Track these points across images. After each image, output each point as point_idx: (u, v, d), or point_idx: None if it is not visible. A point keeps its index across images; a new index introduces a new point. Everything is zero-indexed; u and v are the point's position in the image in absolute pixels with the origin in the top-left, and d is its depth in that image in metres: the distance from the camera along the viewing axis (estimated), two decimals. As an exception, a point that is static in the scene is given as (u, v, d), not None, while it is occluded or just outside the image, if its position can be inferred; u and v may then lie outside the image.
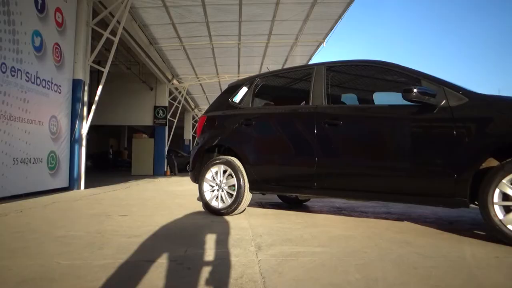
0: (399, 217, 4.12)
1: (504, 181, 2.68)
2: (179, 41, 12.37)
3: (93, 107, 8.24)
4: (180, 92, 18.00)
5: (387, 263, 2.25)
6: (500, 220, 2.67)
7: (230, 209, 4.03)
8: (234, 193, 4.02)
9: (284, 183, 3.92)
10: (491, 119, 2.87)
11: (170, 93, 17.32)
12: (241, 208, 4.08)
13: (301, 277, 1.98)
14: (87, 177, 8.37)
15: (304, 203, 5.30)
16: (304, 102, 4.06)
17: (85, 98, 7.98)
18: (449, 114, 2.99)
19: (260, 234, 3.11)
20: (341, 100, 4.49)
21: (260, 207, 4.95)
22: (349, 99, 4.62)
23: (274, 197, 5.80)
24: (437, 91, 3.06)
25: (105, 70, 8.59)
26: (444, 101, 3.04)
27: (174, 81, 17.14)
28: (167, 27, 11.25)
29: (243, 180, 4.01)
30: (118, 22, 8.66)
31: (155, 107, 16.55)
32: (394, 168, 3.25)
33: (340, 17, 10.69)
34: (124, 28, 9.50)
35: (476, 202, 2.88)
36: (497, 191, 2.71)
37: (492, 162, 2.87)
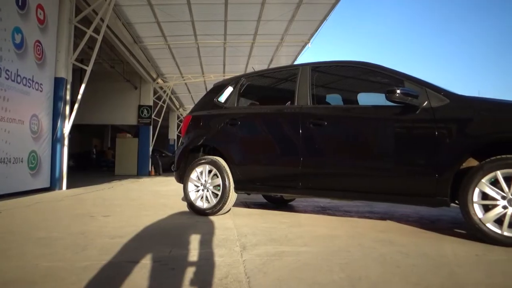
0: (382, 217, 4.18)
1: (483, 180, 2.75)
2: (164, 40, 12.26)
3: (76, 106, 8.10)
4: (165, 91, 17.85)
5: (370, 262, 2.28)
6: (480, 219, 2.74)
7: (215, 209, 4.02)
8: (219, 193, 4.01)
9: (269, 183, 3.93)
10: (471, 120, 2.93)
11: (155, 92, 17.15)
12: (226, 208, 4.07)
13: (286, 276, 1.99)
14: (70, 177, 8.22)
15: (289, 203, 5.33)
16: (289, 102, 4.08)
17: (68, 97, 7.84)
18: (430, 115, 3.04)
19: (245, 234, 3.11)
20: (326, 101, 4.52)
21: (245, 207, 4.96)
22: (334, 99, 4.66)
23: (259, 197, 5.81)
24: (419, 92, 3.12)
25: (88, 69, 8.45)
26: (426, 102, 3.10)
27: (159, 80, 16.98)
28: (152, 26, 11.14)
29: (228, 180, 4.00)
30: (102, 19, 8.53)
31: (140, 106, 16.37)
32: (378, 168, 3.29)
33: (325, 17, 10.78)
34: (107, 26, 9.36)
35: (456, 201, 2.94)
36: (476, 190, 2.77)
37: (472, 162, 2.94)
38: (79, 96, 8.23)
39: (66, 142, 7.80)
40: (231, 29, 11.57)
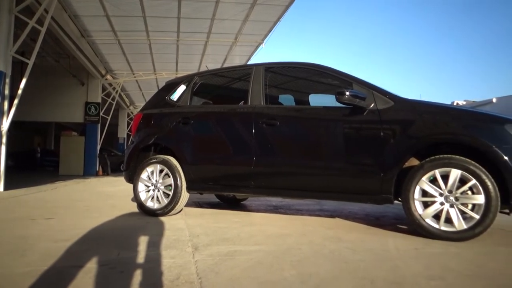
0: (332, 214, 4.32)
1: (423, 179, 2.93)
2: (114, 35, 11.80)
3: (16, 101, 7.57)
4: (114, 88, 17.19)
5: (320, 258, 2.35)
6: (420, 215, 2.92)
7: (167, 210, 3.94)
8: (171, 193, 3.94)
9: (222, 183, 3.92)
10: (413, 122, 3.12)
11: (104, 89, 16.45)
12: (178, 208, 4.00)
13: (238, 276, 1.99)
14: (8, 178, 7.67)
15: (242, 202, 5.35)
16: (242, 101, 4.09)
17: (6, 91, 7.31)
18: (377, 117, 3.19)
19: (197, 234, 3.08)
20: (279, 101, 4.59)
21: (198, 207, 4.91)
22: (286, 100, 4.74)
23: (211, 197, 5.77)
24: (366, 95, 3.26)
25: (30, 62, 7.93)
26: (373, 104, 3.25)
27: (108, 77, 16.32)
28: (101, 19, 10.68)
29: (180, 179, 3.94)
30: (46, 10, 8.05)
31: (87, 103, 15.63)
32: (327, 167, 3.40)
33: (279, 19, 10.94)
34: (52, 18, 8.84)
35: (399, 199, 3.11)
36: (417, 188, 2.95)
37: (414, 162, 3.12)
38: (20, 91, 7.70)
39: (4, 140, 7.26)
40: (184, 27, 11.39)
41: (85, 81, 15.64)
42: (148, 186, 4.09)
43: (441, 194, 2.89)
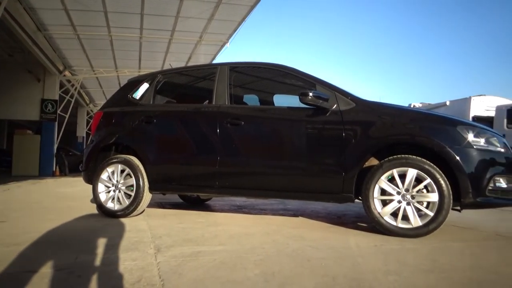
0: (295, 213, 4.38)
1: (382, 178, 3.04)
2: (73, 30, 11.32)
3: (-37, 97, 7.10)
4: (73, 85, 16.48)
5: (283, 257, 2.37)
6: (379, 213, 3.03)
7: (128, 211, 3.83)
8: (133, 194, 3.84)
9: (186, 183, 3.88)
10: (373, 123, 3.22)
11: (62, 85, 15.74)
12: (140, 209, 3.91)
13: (201, 276, 1.98)
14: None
15: (206, 202, 5.31)
16: (207, 101, 4.07)
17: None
18: (339, 118, 3.28)
19: (159, 235, 3.02)
20: (243, 101, 4.60)
21: (160, 208, 4.82)
22: (251, 100, 4.76)
23: (175, 197, 5.68)
24: (329, 96, 3.34)
25: (-20, 56, 7.45)
26: (335, 105, 3.33)
27: (66, 73, 15.64)
28: (59, 13, 10.21)
29: (143, 180, 3.85)
30: (-3, 1, 7.60)
31: (43, 101, 14.87)
32: (290, 167, 3.45)
33: (244, 18, 10.94)
34: (5, 9, 8.35)
35: (360, 197, 3.21)
36: (376, 187, 3.06)
37: (373, 161, 3.24)
38: (-33, 86, 7.23)
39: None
40: (148, 23, 11.13)
41: (41, 77, 14.87)
42: (109, 187, 3.97)
43: (398, 193, 3.01)
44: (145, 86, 4.29)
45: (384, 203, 3.05)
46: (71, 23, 10.83)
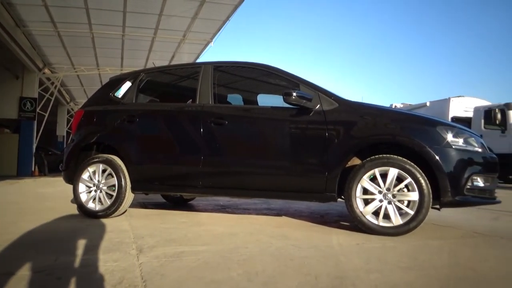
0: (278, 213, 4.40)
1: (364, 177, 3.09)
2: (53, 26, 11.09)
3: None
4: (53, 83, 16.13)
5: (267, 256, 2.38)
6: (361, 212, 3.07)
7: (109, 211, 3.78)
8: (114, 194, 3.79)
9: (169, 182, 3.85)
10: (355, 123, 3.26)
11: (41, 83, 15.37)
12: (121, 209, 3.86)
13: (185, 277, 1.96)
14: None
15: (189, 202, 5.28)
16: (190, 100, 4.04)
17: None
18: (322, 118, 3.31)
19: (142, 236, 2.99)
20: (227, 100, 4.59)
21: (143, 208, 4.77)
22: (235, 99, 4.75)
23: (157, 197, 5.63)
24: (313, 96, 3.36)
25: (-46, 52, 7.22)
26: (318, 105, 3.35)
27: (46, 70, 15.29)
28: (39, 9, 9.98)
29: (125, 179, 3.80)
30: (-27, -4, 7.38)
31: (22, 99, 14.49)
32: (274, 167, 3.47)
33: (228, 18, 10.93)
34: (-19, 4, 8.13)
35: (342, 197, 3.25)
36: (359, 186, 3.10)
37: (356, 161, 3.28)
38: None
39: None
40: (130, 21, 11.00)
41: (20, 74, 14.49)
42: (90, 187, 3.90)
43: (380, 192, 3.06)
44: (127, 85, 4.24)
45: (366, 202, 3.09)
46: (51, 19, 10.61)
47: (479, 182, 3.06)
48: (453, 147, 3.02)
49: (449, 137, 3.04)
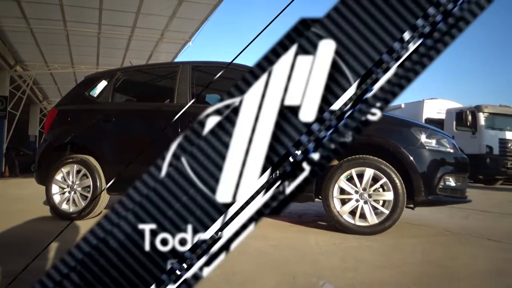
0: (257, 213, 4.40)
1: (341, 177, 3.13)
2: (25, 22, 10.73)
3: None
4: (25, 81, 15.63)
5: (246, 256, 2.38)
6: (338, 211, 3.11)
7: (84, 213, 3.69)
8: (89, 195, 3.70)
9: (146, 183, 3.79)
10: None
11: (12, 81, 14.87)
12: (97, 210, 3.78)
13: (161, 278, 1.94)
14: None
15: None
16: (168, 100, 4.00)
17: None
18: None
19: (118, 237, 2.93)
20: (206, 100, 4.57)
21: (120, 209, 4.67)
22: (213, 99, 4.73)
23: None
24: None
25: None
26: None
27: (18, 68, 14.81)
28: (10, 4, 9.63)
29: (100, 180, 3.72)
30: None
31: (-9, 97, 14.01)
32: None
33: (206, 17, 10.86)
34: None
35: (320, 197, 3.28)
36: (336, 186, 3.14)
37: (333, 161, 3.32)
38: None
39: None
40: (107, 19, 10.77)
41: (-10, 71, 14.01)
42: (63, 188, 3.80)
43: (356, 192, 3.11)
44: (103, 84, 4.15)
45: (343, 202, 3.14)
46: (24, 15, 10.27)
47: (451, 182, 3.16)
48: (427, 148, 3.11)
49: (423, 138, 3.13)
